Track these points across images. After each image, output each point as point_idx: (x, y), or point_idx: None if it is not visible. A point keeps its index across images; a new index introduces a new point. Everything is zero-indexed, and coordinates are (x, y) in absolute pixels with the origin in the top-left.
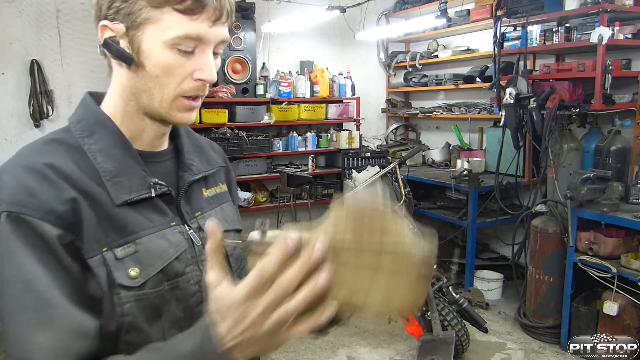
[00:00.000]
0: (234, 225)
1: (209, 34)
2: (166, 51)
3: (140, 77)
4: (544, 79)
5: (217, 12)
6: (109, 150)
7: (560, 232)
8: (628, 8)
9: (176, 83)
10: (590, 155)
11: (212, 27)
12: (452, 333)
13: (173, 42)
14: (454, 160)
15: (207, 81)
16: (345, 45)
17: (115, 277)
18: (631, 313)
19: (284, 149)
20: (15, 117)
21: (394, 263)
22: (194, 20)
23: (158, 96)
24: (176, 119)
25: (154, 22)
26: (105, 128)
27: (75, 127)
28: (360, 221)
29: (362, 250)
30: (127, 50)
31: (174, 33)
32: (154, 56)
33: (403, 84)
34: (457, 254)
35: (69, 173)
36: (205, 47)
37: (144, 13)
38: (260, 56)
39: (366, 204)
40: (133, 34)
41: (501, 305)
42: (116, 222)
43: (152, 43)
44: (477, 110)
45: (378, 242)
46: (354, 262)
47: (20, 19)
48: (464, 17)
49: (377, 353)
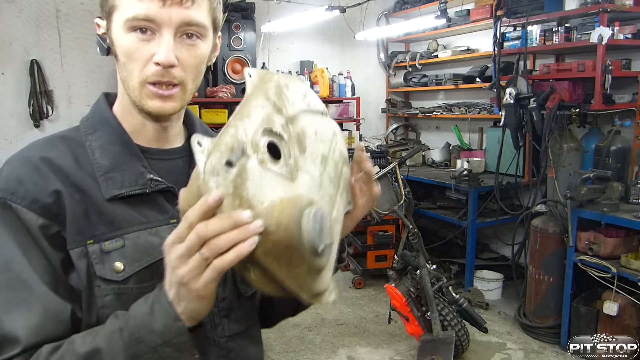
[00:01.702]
0: None
1: (161, 15)
2: (125, 36)
3: (119, 67)
4: (544, 79)
5: None
6: (107, 147)
7: (560, 232)
8: (628, 8)
9: (139, 68)
10: (590, 155)
11: (163, 7)
12: (452, 333)
13: (126, 25)
14: (454, 160)
15: (162, 64)
16: (345, 45)
17: (96, 269)
18: (631, 313)
19: None
20: (15, 117)
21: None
22: (142, 1)
23: (130, 84)
24: (148, 107)
25: (116, 8)
26: (107, 125)
27: (84, 125)
28: None
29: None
30: (104, 43)
31: (125, 15)
32: (118, 42)
33: (403, 84)
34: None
35: (63, 167)
36: (162, 29)
37: (110, 1)
38: (260, 56)
39: None
40: (108, 25)
41: (501, 305)
42: (105, 216)
43: (116, 30)
44: (477, 110)
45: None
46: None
47: (20, 19)
48: (464, 17)
49: (377, 353)
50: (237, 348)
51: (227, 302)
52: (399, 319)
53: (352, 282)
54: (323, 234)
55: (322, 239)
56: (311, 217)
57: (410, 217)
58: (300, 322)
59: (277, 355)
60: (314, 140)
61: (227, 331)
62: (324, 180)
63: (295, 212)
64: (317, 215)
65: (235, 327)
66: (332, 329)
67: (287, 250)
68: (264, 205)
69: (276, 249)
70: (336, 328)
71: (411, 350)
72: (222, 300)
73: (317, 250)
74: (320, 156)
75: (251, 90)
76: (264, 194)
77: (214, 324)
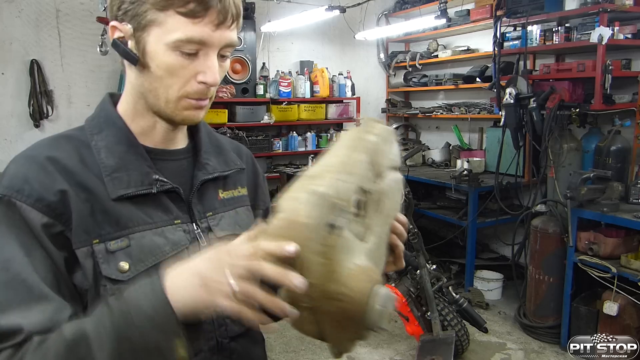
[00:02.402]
0: (248, 229)
1: (212, 38)
2: (169, 53)
3: (146, 77)
4: (544, 79)
5: (220, 15)
6: (112, 147)
7: (560, 232)
8: (628, 8)
9: (180, 84)
10: (590, 155)
11: (215, 31)
12: (452, 333)
13: (175, 44)
14: (454, 160)
15: (209, 84)
16: (345, 45)
17: (102, 269)
18: (631, 313)
19: (283, 149)
20: (15, 117)
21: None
22: (197, 24)
23: (163, 96)
24: (182, 117)
25: (158, 24)
26: (113, 125)
27: (89, 124)
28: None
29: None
30: (132, 51)
31: (177, 36)
32: (158, 57)
33: (403, 84)
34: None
35: (69, 166)
36: (208, 50)
37: (149, 15)
38: (260, 56)
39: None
40: (139, 35)
41: (501, 305)
42: (111, 216)
43: (156, 45)
44: (477, 110)
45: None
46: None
47: (20, 19)
48: (464, 17)
49: (377, 353)
50: (239, 348)
51: None
52: (399, 319)
53: None
54: (385, 316)
55: (383, 321)
56: (381, 298)
57: (410, 217)
58: None
59: (277, 355)
60: (388, 200)
61: (229, 332)
62: (381, 242)
63: (369, 287)
64: (387, 298)
65: (237, 328)
66: None
67: (347, 319)
68: (344, 273)
69: (339, 313)
70: None
71: (411, 350)
72: None
73: (374, 329)
74: (387, 216)
75: (353, 137)
76: (346, 259)
77: (217, 324)
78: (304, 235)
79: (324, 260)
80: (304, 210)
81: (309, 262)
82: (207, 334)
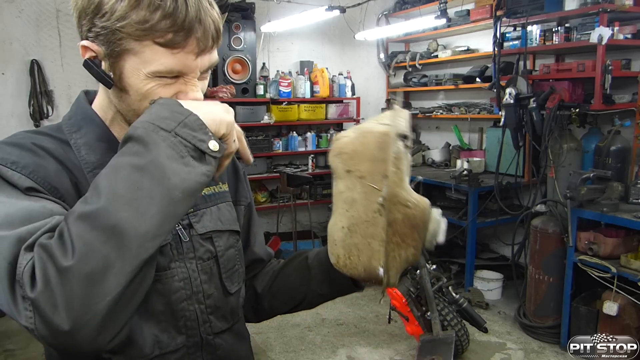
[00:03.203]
0: (230, 225)
1: (192, 67)
2: (147, 81)
3: (123, 98)
4: (544, 79)
5: (201, 44)
6: (93, 144)
7: (560, 232)
8: (628, 8)
9: None
10: (590, 155)
11: (196, 60)
12: (452, 333)
13: (154, 74)
14: (454, 160)
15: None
16: (345, 45)
17: None
18: (631, 313)
19: (284, 149)
20: (15, 117)
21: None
22: (176, 54)
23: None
24: None
25: (135, 53)
26: (92, 123)
27: (67, 123)
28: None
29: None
30: (107, 73)
31: (155, 68)
32: (135, 85)
33: (403, 84)
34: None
35: (57, 154)
36: (188, 75)
37: (125, 44)
38: (260, 56)
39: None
40: (114, 61)
41: (501, 305)
42: None
43: (133, 73)
44: (477, 110)
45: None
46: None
47: (20, 19)
48: (464, 17)
49: (377, 353)
50: (224, 344)
51: (213, 299)
52: (399, 319)
53: None
54: (441, 230)
55: (440, 233)
56: (440, 214)
57: None
58: (300, 322)
59: (277, 355)
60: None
61: (214, 328)
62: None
63: (428, 203)
64: (441, 215)
65: (221, 324)
66: (332, 329)
67: (410, 227)
68: (408, 185)
69: (404, 220)
70: (336, 328)
71: (411, 350)
72: (208, 298)
73: (432, 242)
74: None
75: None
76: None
77: (202, 321)
78: (381, 139)
79: (396, 168)
80: (382, 120)
81: (386, 165)
82: (191, 330)
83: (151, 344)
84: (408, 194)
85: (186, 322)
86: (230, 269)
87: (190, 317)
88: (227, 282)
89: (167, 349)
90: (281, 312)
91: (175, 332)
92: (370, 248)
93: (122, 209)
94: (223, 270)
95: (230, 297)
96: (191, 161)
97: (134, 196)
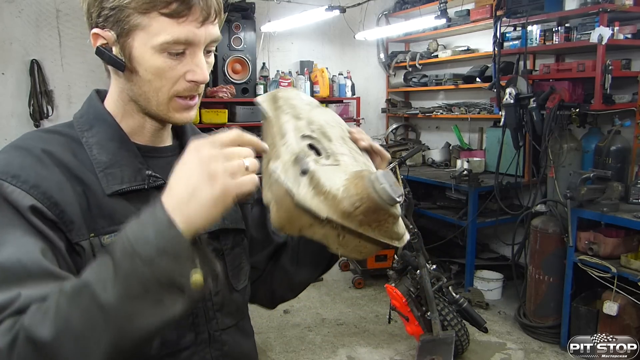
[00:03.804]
0: (235, 224)
1: (198, 36)
2: (156, 56)
3: (134, 81)
4: (544, 79)
5: (204, 12)
6: (104, 143)
7: (560, 232)
8: (628, 8)
9: (169, 85)
10: (590, 155)
11: (200, 28)
12: (452, 333)
13: (162, 47)
14: (454, 160)
15: (199, 82)
16: (345, 45)
17: None
18: (631, 313)
19: None
20: (15, 117)
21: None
22: (182, 24)
23: (154, 99)
24: (175, 119)
25: (142, 28)
26: (104, 122)
27: (78, 121)
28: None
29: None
30: (119, 57)
31: (163, 38)
32: (145, 61)
33: (403, 84)
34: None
35: (65, 161)
36: (195, 48)
37: (132, 20)
38: (260, 56)
39: None
40: (123, 40)
41: (501, 305)
42: (105, 211)
43: (142, 49)
44: (477, 110)
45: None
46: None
47: (20, 19)
48: (464, 17)
49: (377, 353)
50: (230, 341)
51: (220, 296)
52: (399, 319)
53: (352, 282)
54: (394, 187)
55: (395, 191)
56: (379, 178)
57: (410, 217)
58: (300, 322)
59: (277, 355)
60: (330, 128)
61: (220, 325)
62: (353, 154)
63: (366, 182)
64: (380, 176)
65: (228, 321)
66: (332, 329)
67: (375, 213)
68: (341, 190)
69: (367, 216)
70: (336, 328)
71: (411, 350)
72: (215, 295)
73: (396, 200)
74: (340, 138)
75: (271, 112)
76: (335, 182)
77: (208, 317)
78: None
79: (322, 195)
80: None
81: (316, 210)
82: (199, 327)
83: (157, 345)
84: (346, 199)
85: (194, 319)
86: (236, 266)
87: (198, 314)
88: (234, 279)
89: (177, 347)
90: (312, 280)
91: (185, 330)
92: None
93: (68, 345)
94: (229, 268)
95: (236, 294)
96: (164, 298)
97: (85, 334)
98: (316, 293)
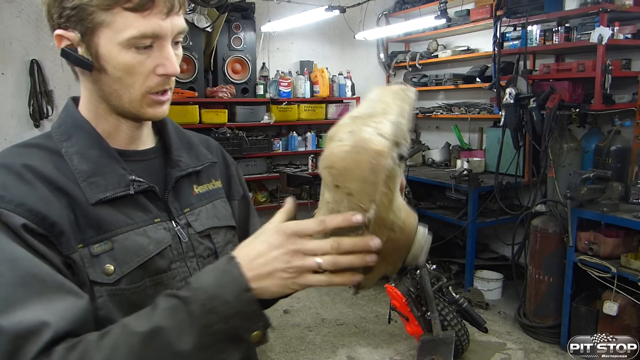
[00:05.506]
0: (226, 221)
1: (164, 28)
2: (124, 52)
3: (104, 81)
4: (544, 79)
5: (168, 3)
6: (85, 152)
7: (560, 232)
8: (628, 8)
9: (140, 81)
10: (590, 155)
11: (165, 20)
12: (452, 333)
13: (129, 42)
14: (454, 160)
15: (169, 74)
16: (345, 45)
17: (88, 272)
18: (631, 313)
19: (283, 149)
20: (15, 117)
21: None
22: (146, 17)
23: (126, 96)
24: (148, 115)
25: (107, 25)
26: (82, 130)
27: (56, 131)
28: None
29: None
30: (85, 57)
31: (129, 33)
32: (113, 59)
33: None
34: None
35: (46, 173)
36: (162, 41)
37: (95, 17)
38: (260, 56)
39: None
40: (88, 39)
41: (501, 305)
42: (92, 220)
43: (109, 46)
44: (477, 110)
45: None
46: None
47: (20, 19)
48: (464, 17)
49: (377, 353)
50: None
51: None
52: (399, 319)
53: None
54: (424, 253)
55: (422, 257)
56: (423, 235)
57: None
58: (300, 322)
59: (277, 355)
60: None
61: None
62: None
63: (415, 222)
64: (427, 237)
65: None
66: (332, 329)
67: (393, 249)
68: (398, 206)
69: (388, 243)
70: (336, 328)
71: (411, 350)
72: None
73: (412, 264)
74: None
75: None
76: (398, 193)
77: None
78: (374, 161)
79: (386, 190)
80: (376, 137)
81: (376, 188)
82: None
83: None
84: (396, 217)
85: None
86: None
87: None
88: None
89: None
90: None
91: None
92: None
93: None
94: None
95: None
96: (228, 348)
97: None
98: (316, 293)
